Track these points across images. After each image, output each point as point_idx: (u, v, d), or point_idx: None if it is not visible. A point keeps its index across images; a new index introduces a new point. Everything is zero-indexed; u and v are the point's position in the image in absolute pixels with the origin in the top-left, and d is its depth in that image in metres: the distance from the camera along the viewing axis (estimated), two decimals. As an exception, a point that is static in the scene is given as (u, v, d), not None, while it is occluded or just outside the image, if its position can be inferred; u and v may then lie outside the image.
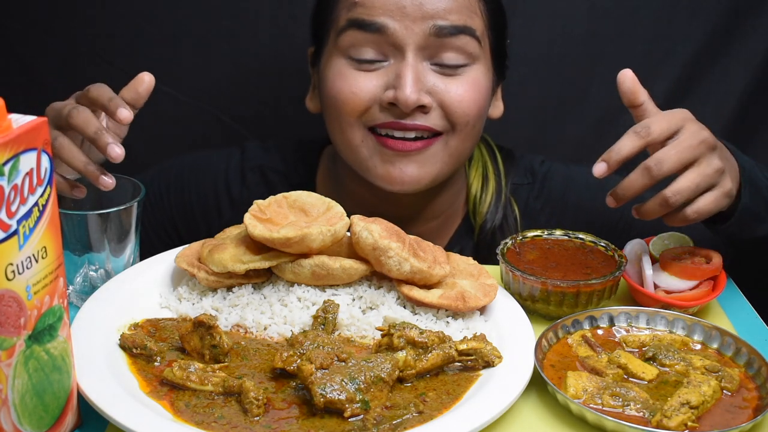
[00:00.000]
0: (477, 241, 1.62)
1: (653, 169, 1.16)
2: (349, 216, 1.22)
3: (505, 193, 1.63)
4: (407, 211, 1.56)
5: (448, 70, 1.42)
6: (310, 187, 1.65)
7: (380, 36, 1.40)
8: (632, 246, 1.35)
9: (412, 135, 1.44)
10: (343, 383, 0.99)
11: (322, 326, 1.14)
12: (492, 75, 1.51)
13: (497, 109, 1.61)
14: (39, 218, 0.88)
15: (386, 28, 1.39)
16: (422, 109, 1.41)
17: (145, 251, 1.32)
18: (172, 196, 1.70)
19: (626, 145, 1.17)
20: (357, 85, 1.42)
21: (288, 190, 1.60)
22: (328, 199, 1.27)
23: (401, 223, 1.26)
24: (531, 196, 1.65)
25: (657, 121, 1.18)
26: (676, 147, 1.16)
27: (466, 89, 1.43)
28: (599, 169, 1.19)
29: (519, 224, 1.63)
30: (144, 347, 1.08)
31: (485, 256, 1.59)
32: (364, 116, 1.44)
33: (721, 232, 1.30)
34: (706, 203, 1.18)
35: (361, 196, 1.57)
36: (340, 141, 1.49)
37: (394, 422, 0.98)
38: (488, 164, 1.65)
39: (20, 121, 0.86)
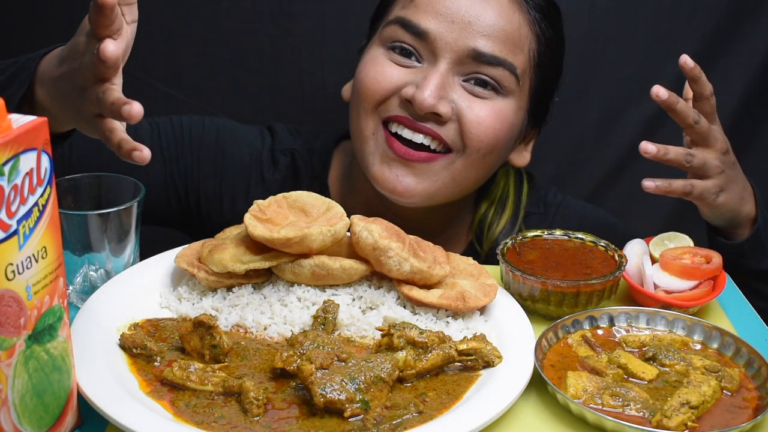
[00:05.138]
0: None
1: (693, 189, 1.30)
2: (350, 215, 1.22)
3: (520, 223, 1.62)
4: (405, 222, 1.55)
5: (477, 91, 1.42)
6: (325, 177, 1.65)
7: (421, 40, 1.41)
8: (632, 246, 1.35)
9: (419, 139, 1.42)
10: (343, 383, 0.99)
11: (322, 326, 1.14)
12: (524, 117, 1.49)
13: (522, 158, 1.58)
14: (39, 218, 0.88)
15: (428, 34, 1.40)
16: (438, 117, 1.40)
17: (146, 250, 1.32)
18: (207, 158, 1.64)
19: (689, 114, 1.29)
20: (384, 73, 1.43)
21: (311, 178, 1.58)
22: (327, 200, 1.26)
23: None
24: (542, 227, 1.64)
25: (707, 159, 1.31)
26: (715, 159, 1.31)
27: (488, 114, 1.41)
28: (647, 186, 1.28)
29: None
30: (144, 347, 1.08)
31: (485, 259, 1.59)
32: (380, 107, 1.44)
33: (732, 249, 1.39)
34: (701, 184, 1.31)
35: (367, 196, 1.56)
36: (355, 128, 1.49)
37: (394, 422, 0.98)
38: (510, 189, 1.63)
39: (20, 121, 0.86)
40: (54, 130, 1.23)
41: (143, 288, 1.23)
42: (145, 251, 1.32)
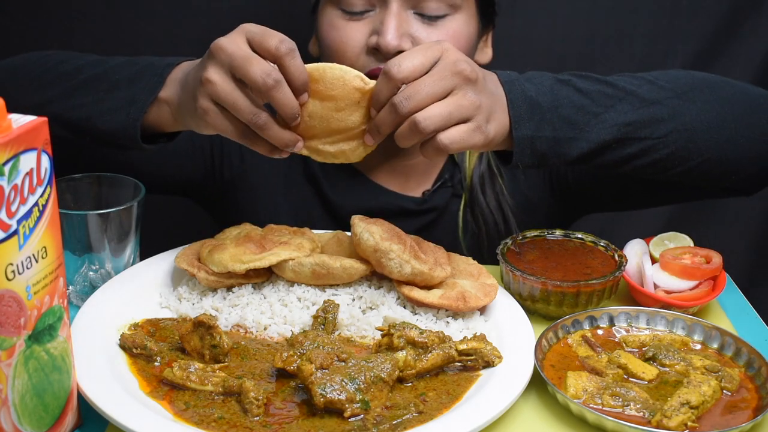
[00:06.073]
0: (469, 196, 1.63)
1: (400, 105, 1.11)
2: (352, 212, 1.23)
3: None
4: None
5: (429, 19, 1.47)
6: None
7: None
8: (632, 246, 1.35)
9: None
10: (343, 383, 0.99)
11: (322, 326, 1.14)
12: (477, 23, 1.55)
13: (485, 55, 1.64)
14: (39, 218, 0.88)
15: None
16: None
17: (146, 250, 1.32)
18: None
19: (381, 90, 1.14)
20: (347, 35, 1.48)
21: None
22: None
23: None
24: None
25: (409, 55, 1.14)
26: (427, 80, 1.12)
27: (445, 38, 1.47)
28: (368, 139, 1.18)
29: (503, 177, 1.64)
30: (144, 347, 1.08)
31: (483, 253, 1.59)
32: (355, 66, 1.45)
33: (521, 167, 1.23)
34: (457, 132, 1.12)
35: None
36: None
37: (394, 422, 0.98)
38: None
39: (20, 121, 0.86)
40: (163, 128, 1.28)
41: (143, 288, 1.23)
42: (145, 251, 1.32)
